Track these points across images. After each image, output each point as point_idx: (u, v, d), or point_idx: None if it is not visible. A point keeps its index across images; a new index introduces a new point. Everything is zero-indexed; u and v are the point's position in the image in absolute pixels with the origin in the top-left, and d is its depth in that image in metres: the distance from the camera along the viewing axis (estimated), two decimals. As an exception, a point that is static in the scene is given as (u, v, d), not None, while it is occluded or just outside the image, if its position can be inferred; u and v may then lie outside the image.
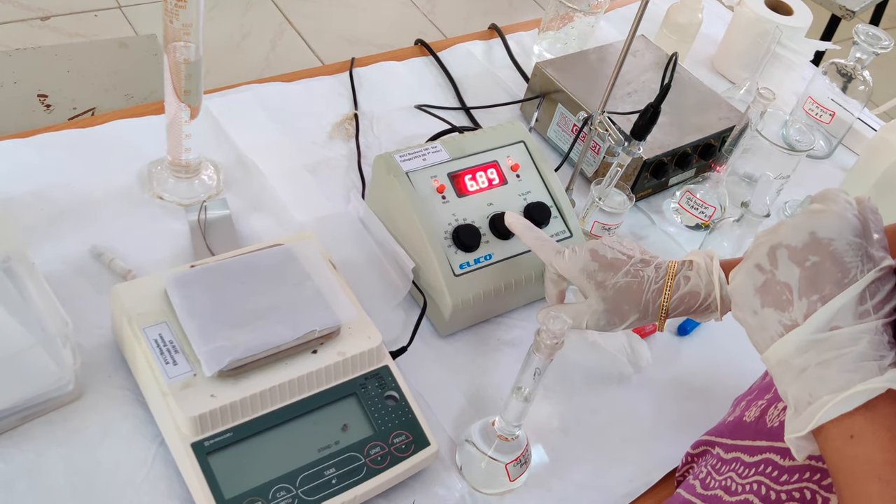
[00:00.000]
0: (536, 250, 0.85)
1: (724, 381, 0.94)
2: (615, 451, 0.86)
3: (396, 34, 2.77)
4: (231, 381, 0.73)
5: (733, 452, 0.72)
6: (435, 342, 0.91)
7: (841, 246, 0.55)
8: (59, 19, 2.46)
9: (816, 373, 0.54)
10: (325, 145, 1.09)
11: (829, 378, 0.53)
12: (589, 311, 0.79)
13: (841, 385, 0.53)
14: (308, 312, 0.78)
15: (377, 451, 0.76)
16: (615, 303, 0.78)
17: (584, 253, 0.80)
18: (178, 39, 0.84)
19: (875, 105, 1.50)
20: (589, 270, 0.79)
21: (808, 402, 0.54)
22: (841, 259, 0.55)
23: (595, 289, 0.78)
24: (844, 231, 0.55)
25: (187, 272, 0.79)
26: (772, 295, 0.58)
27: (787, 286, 0.56)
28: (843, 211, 0.56)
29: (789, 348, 0.56)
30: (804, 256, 0.56)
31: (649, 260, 0.79)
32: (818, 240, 0.56)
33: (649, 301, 0.77)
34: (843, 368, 0.53)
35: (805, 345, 0.55)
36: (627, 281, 0.78)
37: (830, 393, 0.53)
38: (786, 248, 0.57)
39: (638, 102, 1.15)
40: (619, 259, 0.79)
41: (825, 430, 0.53)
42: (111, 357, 0.81)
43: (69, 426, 0.75)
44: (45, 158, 0.97)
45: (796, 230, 0.57)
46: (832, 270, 0.55)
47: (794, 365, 0.55)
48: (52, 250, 0.88)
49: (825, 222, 0.56)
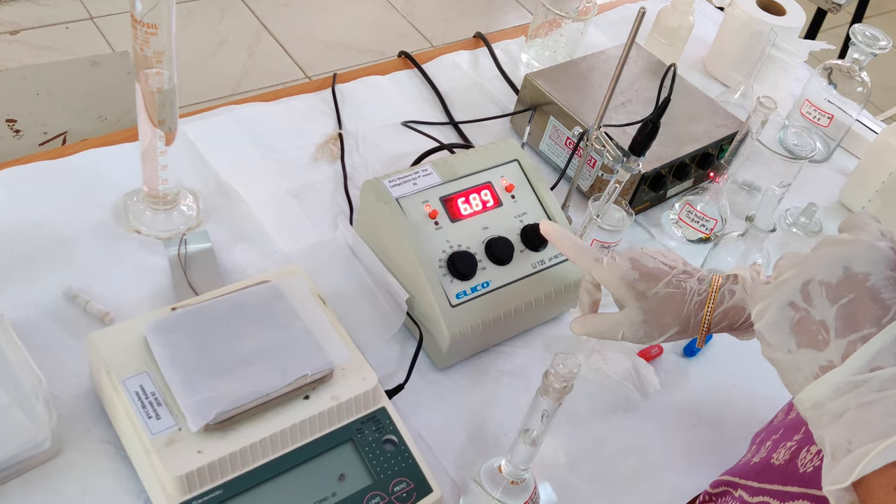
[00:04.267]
0: (573, 258, 0.81)
1: (735, 406, 0.90)
2: (625, 485, 0.82)
3: (376, 37, 2.72)
4: (219, 435, 0.68)
5: (760, 497, 0.68)
6: (432, 376, 0.87)
7: (878, 281, 0.52)
8: (29, 33, 2.39)
9: (856, 417, 0.50)
10: (310, 168, 1.05)
11: (870, 423, 0.50)
12: (627, 322, 0.74)
13: (884, 431, 0.49)
14: (298, 356, 0.73)
15: (377, 501, 0.71)
16: (655, 314, 0.74)
17: (625, 261, 0.76)
18: (149, 66, 0.79)
19: (873, 105, 1.47)
20: (629, 279, 0.74)
21: (847, 449, 0.50)
22: (879, 295, 0.52)
23: (635, 299, 0.74)
24: (879, 264, 0.52)
25: (168, 316, 0.74)
26: (807, 334, 0.54)
27: (822, 325, 0.53)
28: (875, 241, 0.53)
29: (826, 390, 0.52)
30: (840, 293, 0.52)
31: (692, 272, 0.76)
32: (853, 275, 0.52)
33: (691, 314, 0.73)
34: (887, 412, 0.49)
35: (843, 387, 0.51)
36: (669, 292, 0.74)
37: (873, 440, 0.49)
38: (819, 283, 0.53)
39: (633, 112, 1.11)
40: (660, 269, 0.75)
41: (867, 481, 0.49)
42: (90, 408, 0.76)
43: (47, 486, 0.70)
44: (13, 194, 0.91)
45: (829, 264, 0.54)
46: (871, 308, 0.51)
47: (832, 408, 0.52)
48: (23, 294, 0.83)
49: (859, 254, 0.53)
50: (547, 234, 0.83)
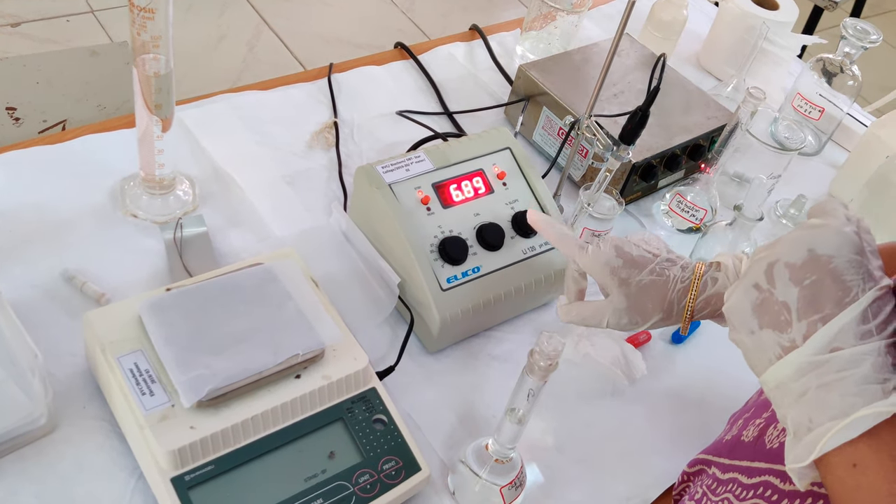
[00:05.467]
0: (559, 245, 0.82)
1: (720, 391, 0.92)
2: (611, 467, 0.84)
3: (375, 32, 2.73)
4: (211, 411, 0.70)
5: (730, 473, 0.69)
6: (423, 359, 0.88)
7: (841, 264, 0.53)
8: (30, 25, 2.40)
9: (817, 396, 0.52)
10: (305, 155, 1.06)
11: (830, 402, 0.51)
12: (610, 309, 0.76)
13: (843, 410, 0.50)
14: (290, 335, 0.74)
15: (366, 478, 0.73)
16: (638, 301, 0.75)
17: (609, 249, 0.77)
18: (146, 52, 0.81)
19: (864, 100, 1.48)
20: (613, 266, 0.76)
21: (808, 427, 0.52)
22: (841, 277, 0.52)
23: (618, 286, 0.75)
24: (844, 248, 0.53)
25: (163, 296, 0.75)
26: (769, 315, 0.55)
27: (785, 305, 0.54)
28: (841, 226, 0.54)
29: (788, 370, 0.53)
30: (803, 275, 0.54)
31: (675, 259, 0.77)
32: (817, 257, 0.53)
33: (674, 301, 0.74)
34: (846, 392, 0.50)
35: (805, 367, 0.52)
36: (652, 279, 0.75)
37: (832, 419, 0.50)
38: (784, 265, 0.55)
39: (625, 104, 1.12)
40: (644, 257, 0.76)
41: (827, 458, 0.51)
42: (85, 386, 0.77)
43: (43, 461, 0.72)
44: (12, 177, 0.93)
45: (794, 246, 0.55)
46: (832, 289, 0.52)
47: (794, 388, 0.53)
48: (21, 274, 0.84)
49: (824, 238, 0.54)
50: (533, 223, 0.84)
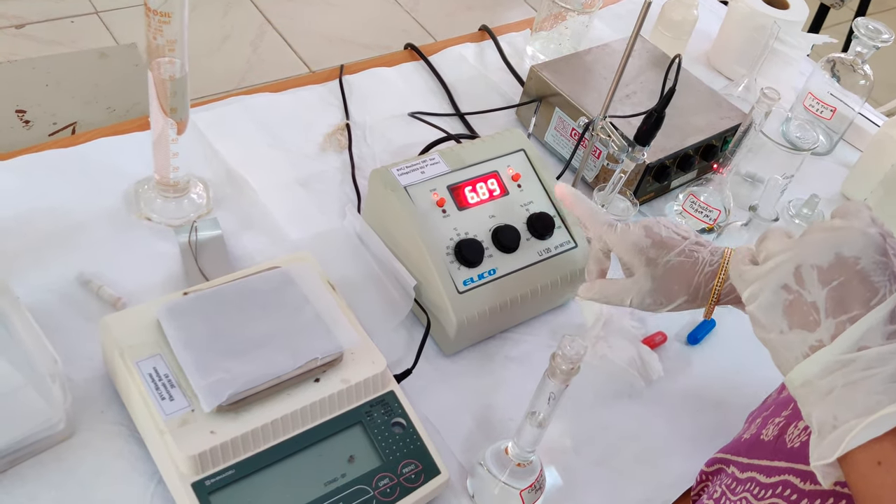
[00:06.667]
0: (587, 222, 0.81)
1: (738, 391, 0.91)
2: (629, 469, 0.84)
3: (380, 32, 2.73)
4: (231, 416, 0.70)
5: (749, 472, 0.69)
6: (440, 362, 0.88)
7: (867, 265, 0.54)
8: (35, 27, 2.40)
9: (843, 395, 0.52)
10: (318, 158, 1.06)
11: (856, 400, 0.51)
12: (635, 289, 0.75)
13: (869, 408, 0.50)
14: (308, 339, 0.74)
15: (386, 482, 0.72)
16: (664, 282, 0.75)
17: (638, 229, 0.77)
18: (162, 55, 0.81)
19: (876, 102, 1.48)
20: (641, 246, 0.75)
21: (833, 425, 0.52)
22: (868, 278, 0.53)
23: (645, 265, 0.75)
24: (870, 249, 0.54)
25: (180, 300, 0.75)
26: (799, 315, 0.56)
27: (813, 306, 0.55)
28: (866, 227, 0.55)
29: (815, 369, 0.54)
30: (831, 276, 0.54)
31: (705, 244, 0.77)
32: (844, 259, 0.54)
33: (701, 283, 0.74)
34: (872, 390, 0.51)
35: (832, 365, 0.53)
36: (680, 261, 0.75)
37: (857, 416, 0.51)
38: (811, 266, 0.55)
39: (637, 104, 1.12)
40: (673, 238, 0.76)
41: (851, 456, 0.51)
42: (103, 390, 0.77)
43: (62, 467, 0.72)
44: (25, 182, 0.93)
45: (821, 249, 0.55)
46: (860, 290, 0.53)
47: (820, 387, 0.53)
48: (37, 278, 0.84)
49: (851, 240, 0.55)
50: (562, 197, 0.84)
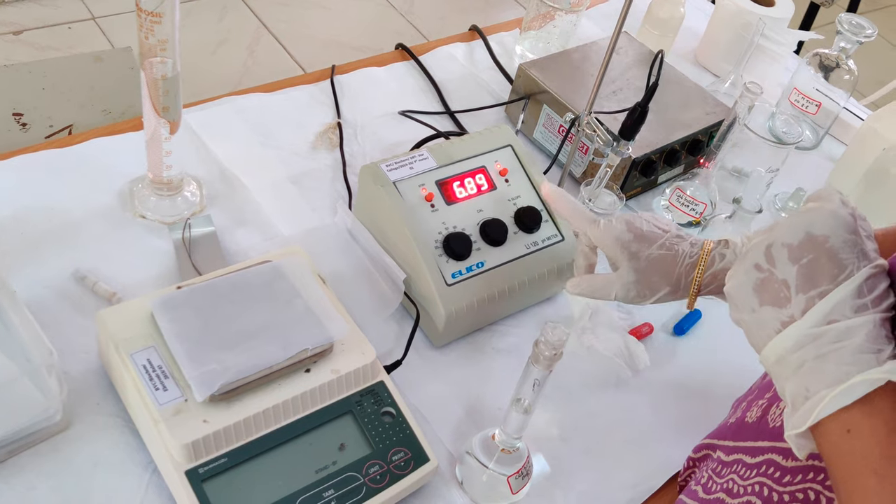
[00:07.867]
0: (571, 219, 0.84)
1: (723, 381, 0.93)
2: (616, 456, 0.85)
3: (375, 35, 2.75)
4: (223, 405, 0.71)
5: (735, 454, 0.71)
6: (429, 353, 0.90)
7: (836, 243, 0.56)
8: (32, 33, 2.42)
9: (814, 366, 0.54)
10: (309, 156, 1.08)
11: (826, 371, 0.53)
12: (619, 282, 0.78)
13: (839, 378, 0.52)
14: (299, 330, 0.76)
15: (376, 469, 0.74)
16: (647, 274, 0.77)
17: (620, 223, 0.79)
18: (154, 55, 0.82)
19: (861, 95, 1.50)
20: (623, 240, 0.78)
21: (805, 396, 0.54)
22: (836, 255, 0.55)
23: (627, 259, 0.77)
24: (839, 228, 0.56)
25: (174, 294, 0.77)
26: (769, 293, 0.58)
27: (784, 283, 0.57)
28: (836, 208, 0.57)
29: (787, 343, 0.56)
30: (800, 254, 0.56)
31: (685, 236, 0.79)
32: (814, 237, 0.56)
33: (682, 275, 0.76)
34: (841, 361, 0.53)
35: (803, 339, 0.55)
36: (661, 254, 0.77)
37: (828, 386, 0.53)
38: (782, 245, 0.57)
39: (623, 101, 1.14)
40: (654, 232, 0.78)
41: (822, 426, 0.53)
42: (99, 383, 0.79)
43: (59, 457, 0.73)
44: (22, 180, 0.94)
45: (792, 228, 0.58)
46: (828, 266, 0.55)
47: (792, 361, 0.55)
48: (33, 274, 0.86)
49: (820, 220, 0.57)
50: (547, 195, 0.86)
